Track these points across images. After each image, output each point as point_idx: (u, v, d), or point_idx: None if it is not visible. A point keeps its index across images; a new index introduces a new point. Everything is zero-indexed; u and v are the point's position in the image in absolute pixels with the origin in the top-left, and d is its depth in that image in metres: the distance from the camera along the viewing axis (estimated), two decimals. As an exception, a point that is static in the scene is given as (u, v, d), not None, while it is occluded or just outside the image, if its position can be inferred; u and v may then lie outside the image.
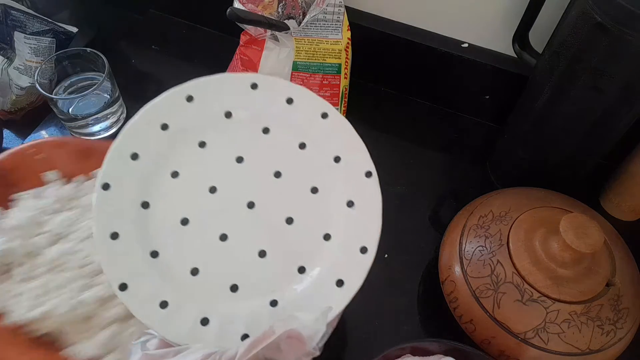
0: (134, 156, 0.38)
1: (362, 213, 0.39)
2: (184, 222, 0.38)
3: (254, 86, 0.40)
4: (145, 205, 0.38)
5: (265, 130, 0.40)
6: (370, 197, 0.39)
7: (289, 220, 0.39)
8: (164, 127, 0.39)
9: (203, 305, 0.37)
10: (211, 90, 0.40)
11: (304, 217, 0.39)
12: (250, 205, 0.39)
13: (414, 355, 0.42)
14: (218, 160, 0.40)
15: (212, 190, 0.39)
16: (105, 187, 0.37)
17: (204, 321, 0.36)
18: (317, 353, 0.33)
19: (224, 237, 0.38)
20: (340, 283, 0.38)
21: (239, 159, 0.40)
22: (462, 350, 0.42)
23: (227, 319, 0.36)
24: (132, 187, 0.38)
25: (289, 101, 0.40)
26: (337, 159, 0.40)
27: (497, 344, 0.44)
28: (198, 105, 0.40)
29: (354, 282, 0.37)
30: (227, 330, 0.36)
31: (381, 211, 0.39)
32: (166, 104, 0.39)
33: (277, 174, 0.40)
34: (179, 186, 0.39)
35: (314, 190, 0.40)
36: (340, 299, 0.37)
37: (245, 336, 0.36)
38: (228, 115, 0.40)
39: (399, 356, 0.42)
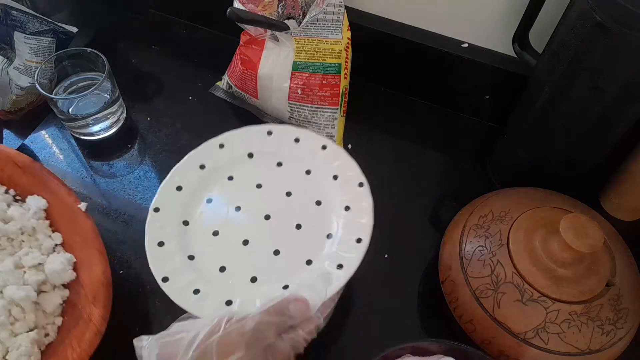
0: (179, 188, 0.49)
1: (357, 214, 0.47)
2: (215, 233, 0.47)
3: (270, 133, 0.52)
4: (185, 223, 0.48)
5: (279, 164, 0.51)
6: (363, 201, 0.47)
7: (298, 226, 0.47)
8: (202, 167, 0.50)
9: (228, 292, 0.44)
10: (238, 138, 0.51)
11: (310, 223, 0.47)
12: (267, 217, 0.48)
13: (414, 355, 0.42)
14: (242, 188, 0.50)
15: (238, 209, 0.49)
16: (156, 210, 0.47)
17: (228, 302, 0.43)
18: (322, 322, 0.40)
19: (245, 242, 0.47)
20: (340, 267, 0.44)
21: (259, 186, 0.50)
22: (462, 350, 0.42)
23: (247, 300, 0.43)
24: (176, 210, 0.48)
25: (296, 140, 0.51)
26: (335, 177, 0.49)
27: (497, 344, 0.44)
28: (227, 150, 0.51)
29: (352, 265, 0.44)
30: (247, 308, 0.42)
31: (372, 210, 0.46)
32: (204, 150, 0.51)
33: (289, 194, 0.49)
34: (212, 209, 0.49)
35: (318, 202, 0.48)
36: (341, 278, 0.43)
37: None
38: (250, 155, 0.51)
39: (399, 356, 0.42)
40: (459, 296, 0.46)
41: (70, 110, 0.60)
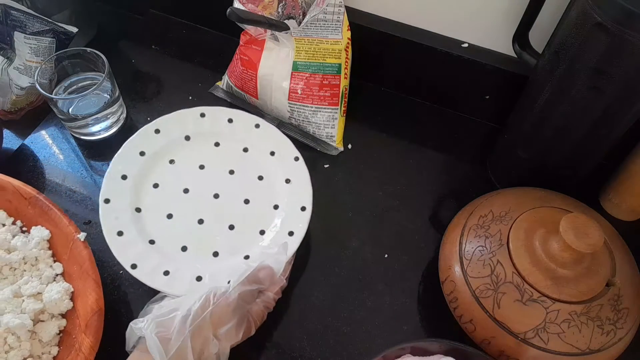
0: (124, 177, 0.51)
1: (297, 185, 0.52)
2: (169, 216, 0.51)
3: (202, 115, 0.55)
4: (138, 210, 0.51)
5: (217, 144, 0.55)
6: (300, 174, 0.52)
7: (246, 201, 0.52)
8: (142, 153, 0.53)
9: (195, 269, 0.48)
10: (172, 122, 0.55)
11: (256, 197, 0.53)
12: (216, 196, 0.52)
13: (414, 355, 0.42)
14: (186, 170, 0.54)
15: (186, 191, 0.52)
16: (107, 201, 0.50)
17: (198, 278, 0.48)
18: (285, 282, 0.47)
19: (201, 221, 0.51)
20: (291, 234, 0.50)
21: (201, 167, 0.54)
22: (462, 350, 0.42)
23: (215, 274, 0.47)
24: (125, 199, 0.51)
25: (230, 121, 0.55)
26: (272, 153, 0.54)
27: (497, 344, 0.44)
28: (164, 135, 0.54)
29: (301, 231, 0.49)
30: (217, 280, 0.46)
31: (310, 181, 0.52)
32: (140, 137, 0.53)
33: (231, 172, 0.54)
34: (160, 193, 0.52)
35: (260, 177, 0.54)
36: (294, 243, 0.49)
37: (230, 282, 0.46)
38: (187, 138, 0.55)
39: (399, 356, 0.42)
40: (459, 296, 0.46)
41: (70, 110, 0.60)
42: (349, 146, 0.63)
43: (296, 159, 0.53)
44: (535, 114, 0.51)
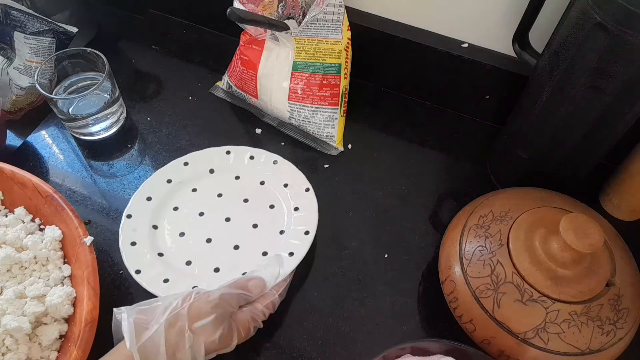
0: (148, 198, 0.56)
1: (305, 213, 0.55)
2: (181, 234, 0.54)
3: (228, 152, 0.60)
4: (155, 227, 0.55)
5: (237, 178, 0.59)
6: (309, 203, 0.55)
7: (255, 226, 0.55)
8: (169, 181, 0.57)
9: (194, 280, 0.50)
10: (200, 158, 0.59)
11: (265, 223, 0.55)
12: (227, 219, 0.56)
13: (414, 355, 0.42)
14: (205, 197, 0.57)
15: (201, 214, 0.56)
16: (129, 216, 0.54)
17: (194, 287, 0.49)
18: (277, 298, 0.47)
19: (209, 240, 0.54)
20: (291, 254, 0.51)
21: (219, 195, 0.58)
22: (462, 350, 0.42)
23: (211, 286, 0.47)
24: (146, 217, 0.55)
25: (251, 157, 0.59)
26: (285, 185, 0.57)
27: (497, 344, 0.44)
28: (191, 167, 0.59)
29: (301, 252, 0.51)
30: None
31: (317, 210, 0.54)
32: (171, 167, 0.58)
33: (246, 200, 0.57)
34: (178, 215, 0.56)
35: (272, 206, 0.57)
36: (292, 262, 0.50)
37: None
38: (212, 171, 0.59)
39: (399, 356, 0.42)
40: (459, 296, 0.46)
41: (70, 110, 0.60)
42: (349, 146, 0.63)
43: (307, 190, 0.56)
44: (535, 114, 0.51)
